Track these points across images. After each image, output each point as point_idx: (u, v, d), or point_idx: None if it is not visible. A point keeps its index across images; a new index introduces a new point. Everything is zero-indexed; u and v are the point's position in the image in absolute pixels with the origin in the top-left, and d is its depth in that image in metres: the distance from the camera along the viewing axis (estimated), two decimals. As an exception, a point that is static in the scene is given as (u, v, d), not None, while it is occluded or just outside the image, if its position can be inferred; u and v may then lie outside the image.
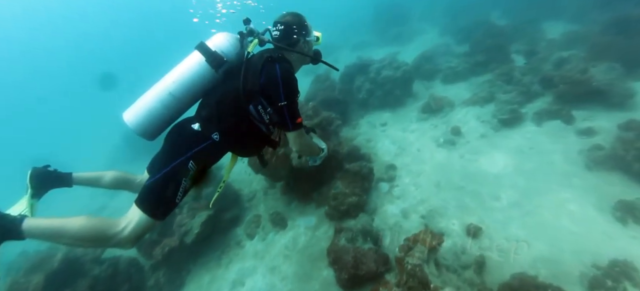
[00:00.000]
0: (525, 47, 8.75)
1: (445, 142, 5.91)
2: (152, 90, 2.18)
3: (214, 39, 2.28)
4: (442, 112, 7.07)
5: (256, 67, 2.14)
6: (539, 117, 5.84)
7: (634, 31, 6.79)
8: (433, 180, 5.09)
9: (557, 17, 10.87)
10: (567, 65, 6.84)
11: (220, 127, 2.17)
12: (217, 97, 2.19)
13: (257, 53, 2.31)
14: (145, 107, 2.14)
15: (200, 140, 2.17)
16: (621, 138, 4.58)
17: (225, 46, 2.26)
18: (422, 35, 14.25)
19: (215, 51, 2.20)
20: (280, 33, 2.38)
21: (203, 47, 2.22)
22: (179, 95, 2.15)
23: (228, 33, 2.33)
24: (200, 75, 2.18)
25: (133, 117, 2.13)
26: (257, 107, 2.17)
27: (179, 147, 2.16)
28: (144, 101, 2.16)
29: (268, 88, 2.12)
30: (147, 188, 2.09)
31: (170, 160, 2.11)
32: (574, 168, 4.70)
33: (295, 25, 2.40)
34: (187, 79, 2.17)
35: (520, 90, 6.60)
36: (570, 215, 4.02)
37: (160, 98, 2.13)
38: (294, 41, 2.40)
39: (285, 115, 2.15)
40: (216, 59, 2.19)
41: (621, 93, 5.48)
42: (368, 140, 6.67)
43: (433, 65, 9.22)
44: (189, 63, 2.21)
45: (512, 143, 5.49)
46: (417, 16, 16.42)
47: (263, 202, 5.94)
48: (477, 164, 5.25)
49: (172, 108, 2.18)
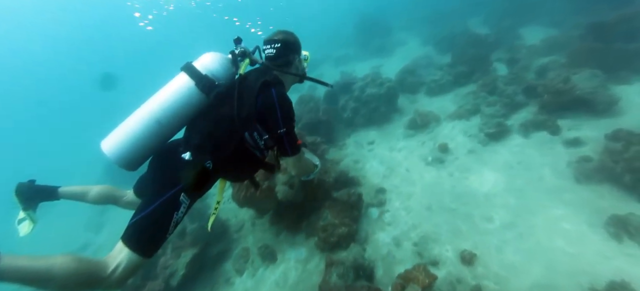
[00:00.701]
0: (506, 55, 8.80)
1: (433, 160, 5.82)
2: (135, 117, 2.00)
3: (202, 59, 2.16)
4: (428, 127, 7.00)
5: (251, 92, 2.06)
6: (525, 128, 5.81)
7: (611, 37, 6.88)
8: (424, 203, 4.98)
9: (534, 21, 11.06)
10: (549, 72, 6.88)
11: (213, 155, 2.04)
12: (209, 123, 2.07)
13: (249, 74, 2.21)
14: (128, 136, 1.96)
15: (190, 170, 2.00)
16: (609, 149, 4.54)
17: (215, 68, 2.14)
18: (404, 46, 14.32)
19: (206, 75, 2.08)
20: (276, 51, 2.31)
21: (192, 70, 2.10)
22: (166, 123, 2.02)
23: (217, 53, 2.22)
24: (189, 101, 2.06)
25: (114, 147, 1.95)
26: (252, 134, 2.09)
27: (169, 178, 1.99)
28: (127, 129, 1.98)
29: (265, 115, 2.06)
30: (135, 224, 1.90)
31: (160, 193, 1.94)
32: (564, 183, 4.64)
33: (291, 43, 2.37)
34: (175, 105, 2.02)
35: (505, 101, 6.58)
36: (564, 234, 3.93)
37: (145, 126, 1.97)
38: (290, 60, 2.36)
39: (285, 141, 2.14)
40: (207, 83, 2.07)
41: (605, 101, 5.48)
42: (356, 162, 6.54)
43: (416, 78, 9.20)
44: (176, 87, 2.06)
45: (500, 159, 5.43)
46: (398, 26, 16.54)
47: (251, 233, 5.74)
48: (467, 182, 5.16)
49: (159, 136, 2.03)
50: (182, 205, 1.98)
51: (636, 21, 6.78)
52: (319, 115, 7.38)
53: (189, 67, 2.11)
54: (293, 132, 2.20)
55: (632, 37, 6.68)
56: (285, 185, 4.66)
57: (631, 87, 6.05)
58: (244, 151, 2.11)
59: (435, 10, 15.47)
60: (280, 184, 4.69)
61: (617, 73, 6.32)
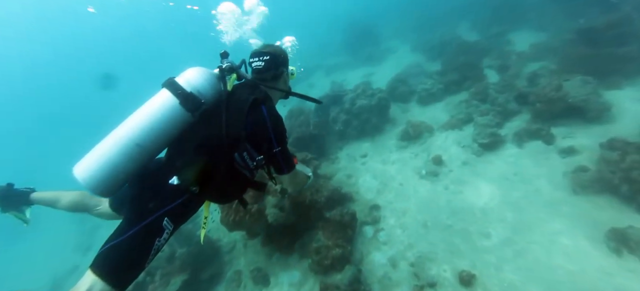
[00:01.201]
0: (496, 62, 8.78)
1: (427, 173, 5.72)
2: (112, 140, 1.82)
3: (186, 75, 2.00)
4: (421, 138, 6.91)
5: (240, 110, 1.94)
6: (519, 138, 5.73)
7: (600, 41, 6.86)
8: (419, 220, 4.86)
9: (523, 26, 11.07)
10: (540, 79, 6.84)
11: (201, 179, 1.87)
12: (195, 145, 1.92)
13: (237, 90, 2.09)
14: (105, 161, 1.78)
15: (177, 194, 1.89)
16: (605, 158, 4.47)
17: (201, 84, 1.98)
18: (394, 53, 14.30)
19: (191, 92, 1.92)
20: (265, 64, 2.22)
21: (175, 87, 1.93)
22: (147, 146, 1.85)
23: (202, 68, 2.07)
24: (173, 121, 1.90)
25: (89, 173, 1.77)
26: (242, 154, 1.96)
27: (151, 202, 1.85)
28: (102, 153, 1.80)
29: (257, 134, 1.97)
30: (109, 251, 1.74)
31: (142, 217, 1.81)
32: (561, 194, 4.56)
33: (280, 56, 2.30)
34: (158, 127, 1.86)
35: (497, 110, 6.52)
36: (563, 250, 3.84)
37: (124, 151, 1.80)
38: (278, 73, 2.28)
39: (280, 160, 2.10)
40: (192, 101, 1.92)
41: (597, 108, 5.44)
42: (348, 176, 6.41)
43: (408, 87, 9.13)
44: (159, 107, 1.89)
45: (495, 170, 5.34)
46: (388, 34, 16.54)
47: (243, 255, 5.57)
48: (462, 196, 5.05)
49: (139, 160, 1.86)
50: (165, 231, 1.85)
51: (625, 26, 6.79)
52: (310, 130, 7.25)
53: (171, 83, 1.95)
54: (287, 149, 2.15)
55: (621, 42, 6.67)
56: (275, 208, 4.51)
57: (622, 92, 6.03)
58: (233, 172, 1.99)
59: (424, 17, 15.48)
60: (270, 207, 4.54)
61: (608, 79, 6.29)
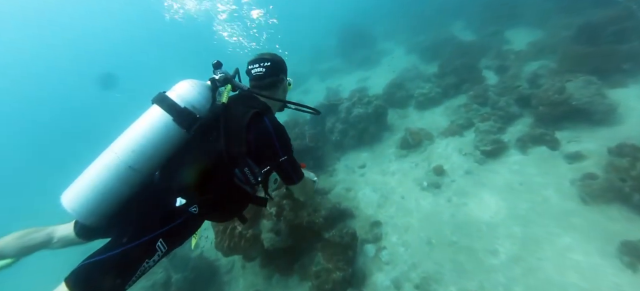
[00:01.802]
0: (494, 62, 8.62)
1: (429, 185, 5.52)
2: (102, 164, 1.72)
3: (178, 89, 1.89)
4: (421, 146, 6.72)
5: (239, 124, 1.85)
6: (522, 143, 5.55)
7: (601, 38, 6.70)
8: (423, 237, 4.66)
9: (518, 23, 10.93)
10: (541, 80, 6.66)
11: (199, 198, 1.79)
12: (192, 161, 1.82)
13: (233, 103, 1.98)
14: (96, 187, 1.67)
15: (175, 215, 1.78)
16: (615, 165, 4.29)
17: (195, 98, 1.88)
18: (389, 56, 14.13)
19: (185, 108, 1.83)
20: (265, 70, 2.15)
21: (168, 103, 1.82)
22: (141, 168, 1.74)
23: (194, 80, 1.96)
24: (167, 139, 1.80)
25: (79, 202, 1.65)
26: (243, 170, 1.86)
27: (146, 222, 1.74)
28: (93, 179, 1.69)
29: (261, 148, 1.90)
30: (92, 266, 1.62)
31: (133, 237, 1.68)
32: (570, 205, 4.37)
33: (280, 63, 2.24)
34: (151, 147, 1.76)
35: (499, 114, 6.34)
36: (575, 266, 3.65)
37: (116, 175, 1.69)
38: (279, 80, 2.22)
39: (288, 169, 2.04)
40: (187, 117, 1.82)
41: (603, 110, 5.27)
42: (347, 190, 6.21)
43: (405, 92, 8.94)
44: (151, 124, 1.79)
45: (500, 179, 5.15)
46: (382, 35, 16.37)
47: (242, 276, 5.36)
48: (466, 209, 4.86)
49: (133, 184, 1.75)
50: (157, 253, 1.73)
51: (625, 21, 6.62)
52: (306, 142, 7.05)
53: (163, 99, 1.84)
54: (294, 158, 2.06)
55: (623, 38, 6.52)
56: (271, 232, 4.31)
57: (628, 91, 5.86)
58: (234, 189, 1.89)
59: (417, 16, 15.34)
60: (265, 231, 4.34)
61: (612, 77, 6.13)
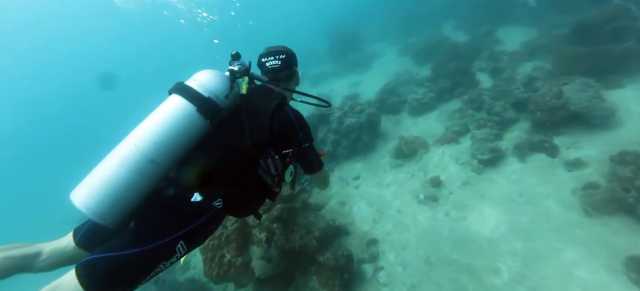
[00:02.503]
0: (488, 64, 8.52)
1: (426, 198, 5.37)
2: (119, 157, 1.59)
3: (199, 78, 1.83)
4: (416, 155, 6.57)
5: (263, 114, 1.85)
6: (521, 151, 5.43)
7: (596, 37, 6.61)
8: (421, 255, 4.50)
9: (510, 21, 10.89)
10: (536, 83, 6.56)
11: (224, 191, 1.74)
12: (215, 154, 1.76)
13: (253, 93, 1.98)
14: (114, 182, 1.54)
15: (199, 213, 1.69)
16: (617, 175, 4.17)
17: (217, 88, 1.82)
18: (381, 58, 14.02)
19: (209, 97, 1.76)
20: (281, 63, 2.14)
21: (190, 92, 1.75)
22: (163, 161, 1.64)
23: (214, 71, 1.91)
24: (191, 130, 1.72)
25: (94, 198, 1.51)
26: (267, 160, 1.86)
27: (167, 222, 1.64)
28: (109, 174, 1.55)
29: (284, 137, 1.90)
30: (105, 262, 1.52)
31: (153, 238, 1.59)
32: (572, 216, 4.24)
33: (293, 56, 2.23)
34: (174, 138, 1.66)
35: (495, 119, 6.22)
36: (581, 284, 3.51)
37: (136, 168, 1.57)
38: (293, 73, 2.23)
39: (311, 158, 2.04)
40: (211, 106, 1.75)
41: (601, 114, 5.16)
42: (342, 204, 6.04)
43: (398, 97, 8.82)
44: (172, 114, 1.70)
45: (499, 191, 5.01)
46: (373, 37, 16.28)
47: (234, 301, 5.17)
48: (466, 224, 4.71)
49: (153, 179, 1.65)
50: (175, 255, 1.65)
51: (620, 20, 6.54)
52: (298, 154, 6.85)
53: (184, 88, 1.77)
54: (314, 147, 2.08)
55: (619, 37, 6.43)
56: (261, 259, 4.12)
57: (625, 92, 5.78)
58: (257, 181, 1.86)
59: (408, 17, 15.25)
60: (255, 258, 4.15)
61: (608, 78, 6.04)
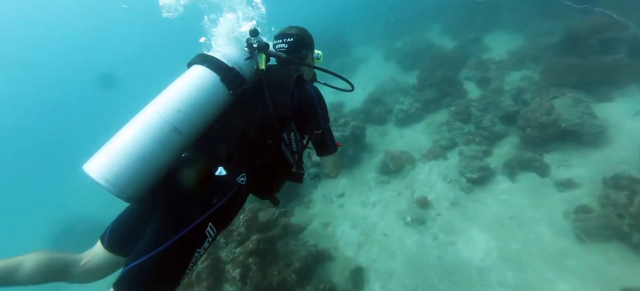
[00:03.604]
0: (475, 73, 8.43)
1: (413, 220, 5.19)
2: (141, 124, 1.52)
3: (224, 50, 1.81)
4: (402, 171, 6.40)
5: (284, 87, 1.86)
6: (510, 169, 5.30)
7: (585, 49, 6.55)
8: (408, 285, 4.30)
9: (496, 27, 10.90)
10: (525, 95, 6.45)
11: (248, 166, 1.74)
12: (239, 127, 1.76)
13: (272, 69, 1.99)
14: (134, 152, 1.45)
15: (224, 190, 1.64)
16: (611, 199, 4.06)
17: (241, 61, 1.82)
18: (366, 63, 13.87)
19: (234, 67, 1.76)
20: (288, 46, 2.11)
21: (214, 62, 1.73)
22: (186, 131, 1.59)
23: (236, 45, 1.93)
24: (214, 100, 1.69)
25: (113, 169, 1.41)
26: (290, 134, 1.88)
27: (191, 204, 1.57)
28: (129, 142, 1.47)
29: (304, 111, 1.92)
30: (139, 270, 1.44)
31: (179, 226, 1.51)
32: (565, 243, 4.11)
33: (305, 38, 2.19)
34: (198, 107, 1.63)
35: (483, 134, 6.09)
36: (576, 320, 3.37)
37: (159, 137, 1.50)
38: (303, 56, 2.16)
39: (327, 137, 2.01)
40: (235, 77, 1.75)
41: (593, 132, 5.06)
42: (325, 225, 5.81)
43: (384, 107, 8.65)
44: (197, 83, 1.66)
45: (488, 213, 4.87)
46: (357, 41, 16.14)
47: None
48: (455, 249, 4.55)
49: (175, 151, 1.59)
50: (206, 239, 1.59)
51: (609, 31, 6.49)
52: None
53: (208, 58, 1.75)
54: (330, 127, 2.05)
55: (608, 48, 6.38)
56: (237, 298, 3.86)
57: (615, 106, 5.72)
58: (280, 156, 1.86)
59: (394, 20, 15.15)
60: (230, 297, 3.90)
61: (598, 90, 5.99)
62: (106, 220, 1.91)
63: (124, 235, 1.74)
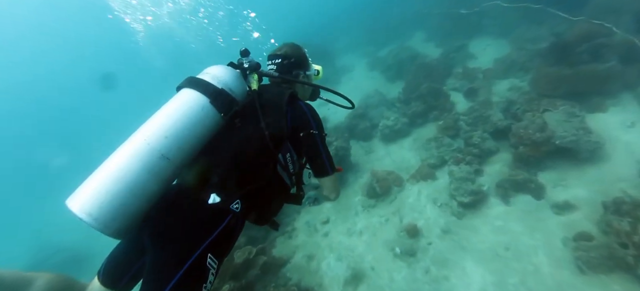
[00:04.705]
0: (461, 83, 8.26)
1: (402, 252, 4.90)
2: (127, 152, 1.47)
3: (213, 72, 1.77)
4: (389, 195, 6.12)
5: (277, 106, 1.81)
6: (504, 191, 5.07)
7: (574, 57, 6.39)
8: (400, 330, 4.01)
9: (481, 33, 10.76)
10: (515, 107, 6.24)
11: (243, 191, 1.65)
12: (232, 150, 1.69)
13: (265, 89, 1.95)
14: (122, 180, 1.40)
15: (218, 218, 1.58)
16: (614, 227, 3.83)
17: (232, 82, 1.78)
18: (350, 73, 13.65)
19: (223, 89, 1.72)
20: (276, 67, 2.09)
21: (203, 84, 1.70)
22: (175, 158, 1.54)
23: (226, 66, 1.87)
24: (204, 124, 1.64)
25: (97, 203, 1.34)
26: (286, 155, 1.83)
27: (184, 238, 1.50)
28: (115, 173, 1.41)
29: (299, 131, 1.84)
30: None
31: (177, 262, 1.42)
32: (564, 275, 3.88)
33: (294, 58, 2.13)
34: (186, 132, 1.57)
35: (474, 152, 5.86)
36: None
37: (147, 165, 1.45)
38: (294, 76, 2.13)
39: (324, 157, 1.92)
40: (226, 99, 1.71)
41: (588, 148, 4.86)
42: (309, 258, 5.49)
43: (369, 122, 8.40)
44: (185, 108, 1.62)
45: (482, 242, 4.61)
46: (341, 49, 15.97)
47: None
48: (448, 286, 4.27)
49: (165, 179, 1.54)
50: (210, 271, 1.51)
51: (598, 38, 6.34)
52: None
53: (196, 81, 1.72)
54: (326, 145, 1.97)
55: (597, 56, 6.23)
56: None
57: (609, 117, 5.56)
58: (276, 179, 1.79)
59: (378, 28, 15.04)
60: None
61: (590, 100, 5.83)
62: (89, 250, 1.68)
63: (120, 270, 1.69)
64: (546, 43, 7.28)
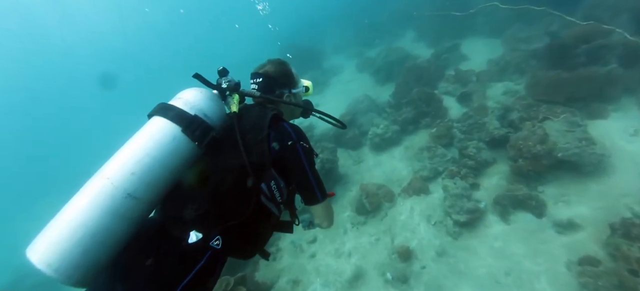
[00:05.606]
0: (454, 88, 8.01)
1: (394, 278, 4.59)
2: (88, 195, 1.32)
3: (184, 96, 1.59)
4: (380, 210, 5.81)
5: (258, 130, 1.63)
6: (502, 208, 4.79)
7: (572, 59, 6.16)
8: None
9: (472, 33, 10.57)
10: (512, 115, 5.98)
11: (222, 226, 1.48)
12: (209, 182, 1.53)
13: (246, 111, 1.77)
14: (83, 227, 1.26)
15: (196, 256, 1.45)
16: (623, 253, 3.57)
17: (206, 105, 1.60)
18: (339, 74, 13.39)
19: (196, 115, 1.54)
20: (257, 86, 1.91)
21: (174, 111, 1.52)
22: (144, 196, 1.38)
23: (200, 88, 1.67)
24: (176, 155, 1.47)
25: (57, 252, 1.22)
26: (270, 184, 1.62)
27: (160, 280, 1.38)
28: (76, 218, 1.27)
29: (284, 155, 1.67)
30: None
31: None
32: (572, 305, 3.61)
33: (276, 76, 1.96)
34: (156, 166, 1.41)
35: (469, 164, 5.58)
36: None
37: (110, 207, 1.30)
38: (276, 96, 1.94)
39: (313, 183, 1.73)
40: (200, 126, 1.53)
41: (592, 162, 4.61)
42: (295, 284, 5.17)
43: (358, 129, 8.10)
44: (154, 139, 1.45)
45: (481, 266, 4.33)
46: (330, 49, 15.71)
47: None
48: (445, 317, 3.98)
49: (133, 218, 1.37)
50: None
51: (595, 39, 6.12)
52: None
53: (166, 108, 1.55)
54: (316, 170, 1.79)
55: (596, 58, 6.00)
56: None
57: (611, 125, 5.32)
58: (261, 210, 1.60)
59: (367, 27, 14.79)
60: None
61: (590, 106, 5.60)
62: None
63: None
64: (541, 43, 7.07)
